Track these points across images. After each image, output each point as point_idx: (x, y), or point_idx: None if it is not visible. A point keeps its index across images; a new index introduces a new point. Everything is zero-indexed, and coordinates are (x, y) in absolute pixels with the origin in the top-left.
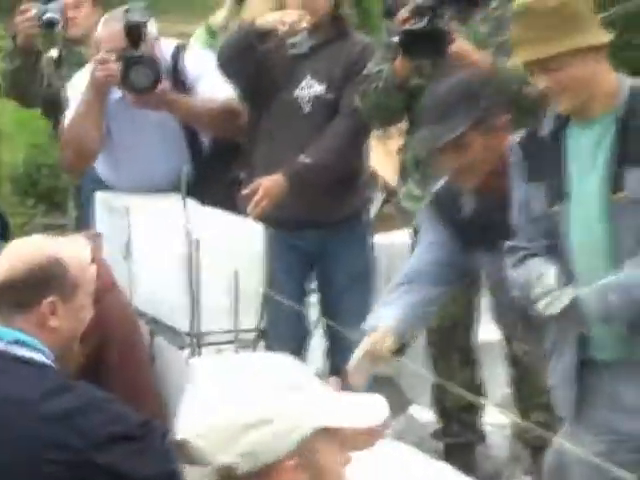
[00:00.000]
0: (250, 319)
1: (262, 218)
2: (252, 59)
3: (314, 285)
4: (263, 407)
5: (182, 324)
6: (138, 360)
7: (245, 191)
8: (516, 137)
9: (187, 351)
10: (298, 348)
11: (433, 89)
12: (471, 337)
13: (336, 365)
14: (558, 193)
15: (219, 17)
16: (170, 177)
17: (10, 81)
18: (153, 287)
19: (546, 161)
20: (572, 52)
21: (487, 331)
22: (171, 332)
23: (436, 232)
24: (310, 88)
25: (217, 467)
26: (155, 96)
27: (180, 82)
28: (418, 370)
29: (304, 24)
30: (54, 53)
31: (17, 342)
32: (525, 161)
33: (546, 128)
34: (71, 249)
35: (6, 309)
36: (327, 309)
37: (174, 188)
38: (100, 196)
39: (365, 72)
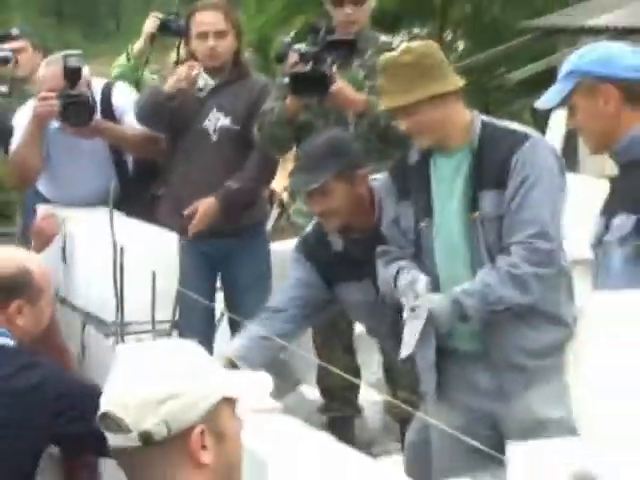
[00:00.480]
0: (166, 313)
1: (178, 229)
2: (164, 112)
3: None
4: (174, 383)
5: (109, 316)
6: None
7: (186, 212)
8: (381, 174)
9: (112, 338)
10: (206, 338)
11: (309, 140)
12: (352, 328)
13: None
14: (424, 211)
15: (136, 47)
16: (100, 193)
17: None
18: (85, 285)
19: (414, 184)
20: (428, 99)
21: None
22: (100, 322)
23: (304, 270)
24: (217, 120)
25: (138, 433)
26: (89, 128)
27: (110, 113)
28: (306, 355)
29: (197, 70)
30: (3, 88)
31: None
32: (394, 185)
33: (414, 156)
34: (35, 260)
35: None
36: (231, 305)
37: (103, 202)
38: (41, 209)
39: (261, 109)
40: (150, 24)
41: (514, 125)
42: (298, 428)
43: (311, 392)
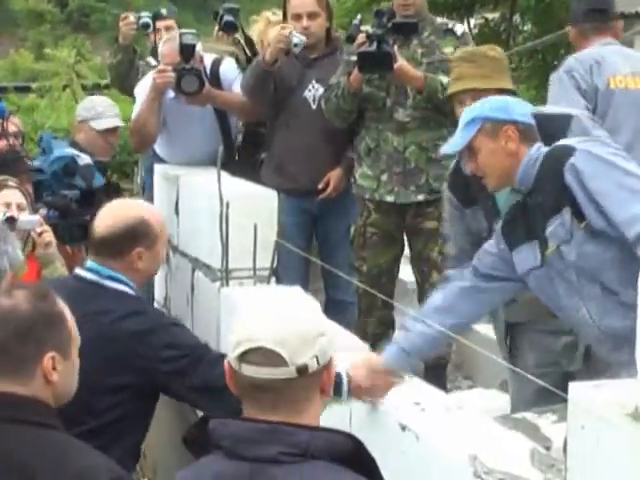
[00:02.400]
0: (265, 261)
1: (278, 188)
2: (268, 84)
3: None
4: (321, 321)
5: (215, 263)
6: None
7: (320, 185)
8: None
9: (218, 283)
10: (302, 284)
11: None
12: (394, 284)
13: (330, 296)
14: (493, 213)
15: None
16: (208, 155)
17: (113, 73)
18: (195, 234)
19: (475, 190)
20: (499, 90)
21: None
22: (207, 268)
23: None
24: (317, 91)
25: (296, 367)
26: (201, 96)
27: (217, 84)
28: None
29: (289, 29)
30: (153, 62)
31: (109, 277)
32: (455, 197)
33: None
34: (151, 209)
35: (104, 255)
36: (324, 257)
37: (211, 163)
38: (158, 168)
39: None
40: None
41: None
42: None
43: None
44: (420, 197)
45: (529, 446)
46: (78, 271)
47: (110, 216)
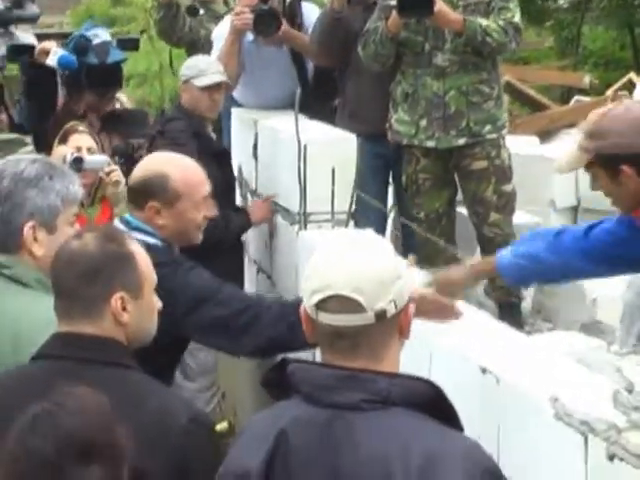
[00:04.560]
0: (344, 205)
1: (357, 132)
2: (338, 30)
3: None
4: (397, 265)
5: (294, 206)
6: None
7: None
8: None
9: (297, 226)
10: (379, 229)
11: None
12: (454, 226)
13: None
14: None
15: None
16: (286, 98)
17: (158, 27)
18: (273, 178)
19: None
20: None
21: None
22: (286, 212)
23: None
24: None
25: (375, 312)
26: (278, 36)
27: (297, 24)
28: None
29: None
30: (202, 10)
31: (137, 229)
32: None
33: None
34: (181, 167)
35: (130, 205)
36: (399, 199)
37: (289, 107)
38: (235, 112)
39: (365, 28)
40: None
41: None
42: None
43: None
44: (461, 141)
45: (611, 388)
46: (115, 220)
47: (138, 168)
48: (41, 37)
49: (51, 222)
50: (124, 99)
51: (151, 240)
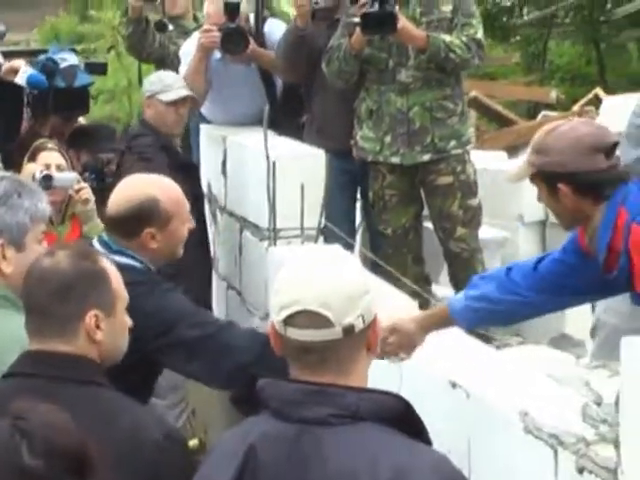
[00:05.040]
0: (313, 220)
1: (324, 148)
2: (302, 47)
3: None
4: (364, 280)
5: (263, 222)
6: None
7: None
8: None
9: (266, 242)
10: (348, 244)
11: None
12: (421, 241)
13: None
14: None
15: None
16: (254, 115)
17: (127, 43)
18: (242, 194)
19: None
20: None
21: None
22: (255, 228)
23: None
24: None
25: (342, 327)
26: (246, 55)
27: (262, 43)
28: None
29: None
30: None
31: (119, 252)
32: None
33: None
34: (165, 186)
35: (116, 235)
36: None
37: (257, 123)
38: (204, 128)
39: (329, 45)
40: None
41: None
42: None
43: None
44: (426, 157)
45: (580, 401)
46: (93, 241)
47: (120, 196)
48: (7, 55)
49: (20, 240)
50: (80, 119)
51: (132, 262)
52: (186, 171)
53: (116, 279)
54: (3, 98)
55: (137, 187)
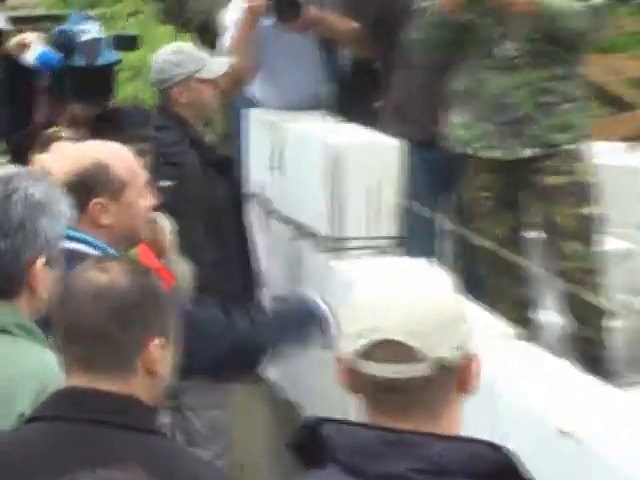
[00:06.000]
0: (387, 227)
1: (401, 137)
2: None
3: None
4: (459, 305)
5: (324, 230)
6: None
7: None
8: None
9: (326, 255)
10: (432, 255)
11: None
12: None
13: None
14: None
15: None
16: (314, 96)
17: (164, 7)
18: (298, 196)
19: None
20: None
21: None
22: (312, 236)
23: None
24: None
25: (434, 361)
26: (303, 21)
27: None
28: None
29: None
30: None
31: (74, 238)
32: None
33: None
34: (113, 150)
35: None
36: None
37: (318, 107)
38: (252, 113)
39: (415, 6)
40: None
41: None
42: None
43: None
44: (530, 152)
45: None
46: None
47: (59, 165)
48: (15, 22)
49: (56, 256)
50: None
51: (83, 247)
52: (223, 169)
53: (171, 300)
54: (11, 80)
55: (82, 152)
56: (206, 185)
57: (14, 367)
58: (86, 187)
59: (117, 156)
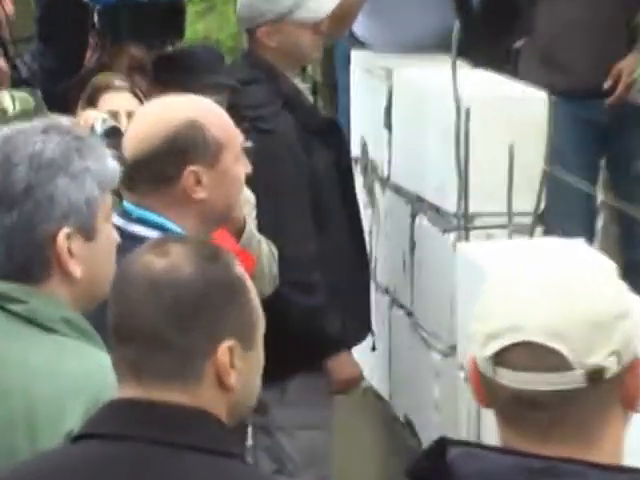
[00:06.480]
0: (527, 200)
1: (547, 87)
2: None
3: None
4: (620, 297)
5: (448, 204)
6: None
7: (607, 83)
8: None
9: (453, 234)
10: (586, 236)
11: None
12: None
13: (630, 258)
14: None
15: None
16: (436, 35)
17: None
18: (415, 160)
19: None
20: None
21: None
22: (436, 212)
23: None
24: None
25: (587, 370)
26: None
27: None
28: None
29: None
30: None
31: (139, 220)
32: None
33: None
34: (206, 108)
35: (141, 188)
36: (619, 192)
37: (441, 48)
38: (357, 57)
39: None
40: None
41: None
42: None
43: None
44: None
45: None
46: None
47: (141, 127)
48: None
49: (90, 223)
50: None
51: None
52: (327, 134)
53: (255, 292)
54: (60, 16)
55: (163, 109)
56: (303, 158)
57: (62, 377)
58: (178, 153)
59: (210, 113)
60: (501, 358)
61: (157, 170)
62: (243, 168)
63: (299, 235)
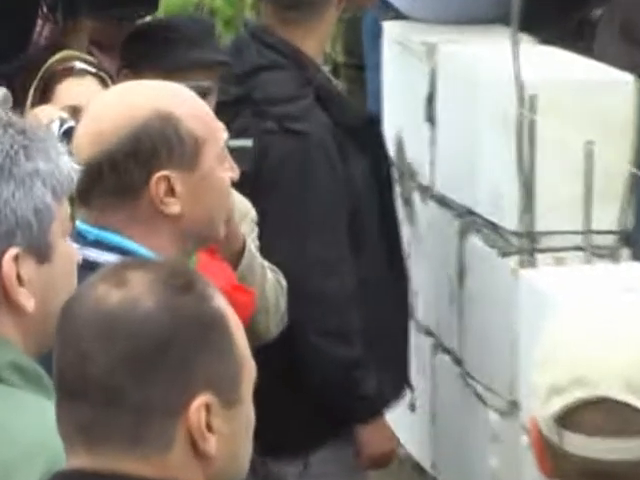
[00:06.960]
0: (609, 215)
1: (631, 65)
2: None
3: None
4: None
5: (508, 219)
6: None
7: None
8: None
9: (514, 258)
10: None
11: None
12: None
13: None
14: None
15: None
16: (491, 7)
17: None
18: (464, 163)
19: None
20: None
21: None
22: (492, 230)
23: None
24: None
25: None
26: None
27: None
28: None
29: None
30: None
31: (97, 241)
32: None
33: None
34: (182, 96)
35: (97, 203)
36: None
37: (497, 19)
38: (391, 28)
39: None
40: None
41: None
42: None
43: None
44: None
45: None
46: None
47: (96, 122)
48: None
49: (43, 240)
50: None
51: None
52: (362, 132)
53: (241, 333)
54: None
55: (130, 100)
56: (340, 166)
57: (11, 439)
58: (144, 155)
59: (186, 104)
60: (569, 419)
61: (117, 178)
62: (229, 172)
63: (335, 266)
